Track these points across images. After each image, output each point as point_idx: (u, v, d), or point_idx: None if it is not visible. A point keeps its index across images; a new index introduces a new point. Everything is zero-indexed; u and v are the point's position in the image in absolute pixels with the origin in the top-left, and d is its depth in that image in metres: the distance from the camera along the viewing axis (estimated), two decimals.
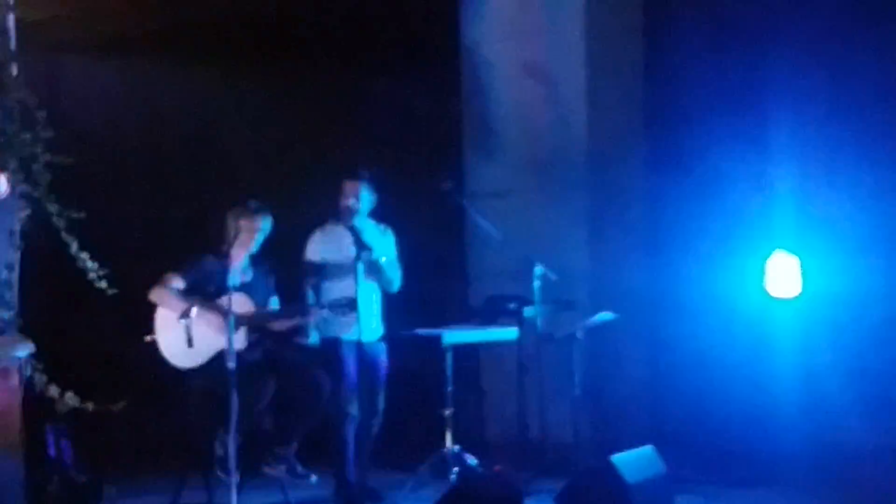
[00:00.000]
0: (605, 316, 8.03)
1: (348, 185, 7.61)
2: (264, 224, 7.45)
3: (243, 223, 7.39)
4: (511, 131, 9.31)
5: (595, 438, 8.16)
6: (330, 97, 9.37)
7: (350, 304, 7.17)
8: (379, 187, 7.69)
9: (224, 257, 7.14)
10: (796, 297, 8.38)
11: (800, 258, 8.38)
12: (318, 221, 7.73)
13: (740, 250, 8.54)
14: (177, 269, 7.37)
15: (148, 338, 7.33)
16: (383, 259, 7.46)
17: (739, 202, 8.63)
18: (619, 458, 7.09)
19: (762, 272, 8.45)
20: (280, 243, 7.64)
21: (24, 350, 5.40)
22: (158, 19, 8.34)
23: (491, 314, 8.21)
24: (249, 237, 7.42)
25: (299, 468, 7.36)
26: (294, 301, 7.57)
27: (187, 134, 8.88)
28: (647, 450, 7.37)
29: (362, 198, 7.59)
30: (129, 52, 8.47)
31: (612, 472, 7.03)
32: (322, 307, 7.36)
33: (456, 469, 7.69)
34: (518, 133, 9.28)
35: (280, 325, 7.56)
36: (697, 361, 8.55)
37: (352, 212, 7.53)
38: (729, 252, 8.56)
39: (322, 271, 7.56)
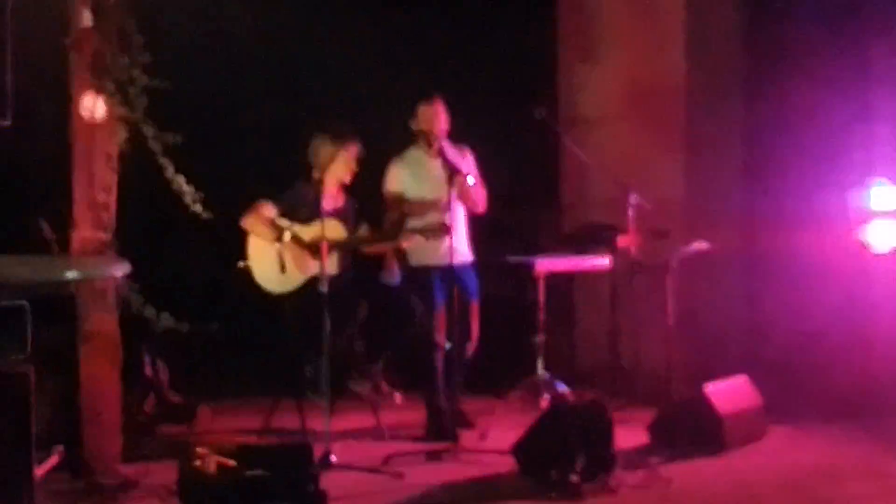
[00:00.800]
0: (699, 245, 7.95)
1: (428, 108, 7.55)
2: (355, 150, 7.46)
3: (335, 149, 7.41)
4: (607, 58, 9.21)
5: (688, 368, 8.10)
6: (422, 22, 9.29)
7: (443, 228, 7.16)
8: (474, 112, 7.63)
9: (316, 183, 7.16)
10: None
11: None
12: (396, 149, 7.69)
13: (839, 181, 8.38)
14: (269, 195, 7.42)
15: (241, 264, 7.41)
16: (471, 180, 7.39)
17: (839, 132, 8.46)
18: (712, 388, 7.07)
19: (860, 201, 8.29)
20: (366, 170, 7.64)
21: (121, 270, 5.47)
22: None
23: (584, 242, 8.17)
24: (343, 163, 7.44)
25: (384, 386, 7.40)
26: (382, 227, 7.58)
27: (280, 59, 8.88)
28: (740, 380, 7.33)
29: (433, 117, 7.53)
30: None
31: (704, 401, 7.02)
32: (413, 231, 7.35)
33: (547, 395, 7.69)
34: (614, 60, 9.18)
35: (372, 250, 7.58)
36: (793, 292, 8.43)
37: (436, 135, 7.47)
38: (828, 183, 8.41)
39: (406, 201, 7.51)
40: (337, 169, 7.43)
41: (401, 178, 7.61)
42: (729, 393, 7.19)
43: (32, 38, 6.58)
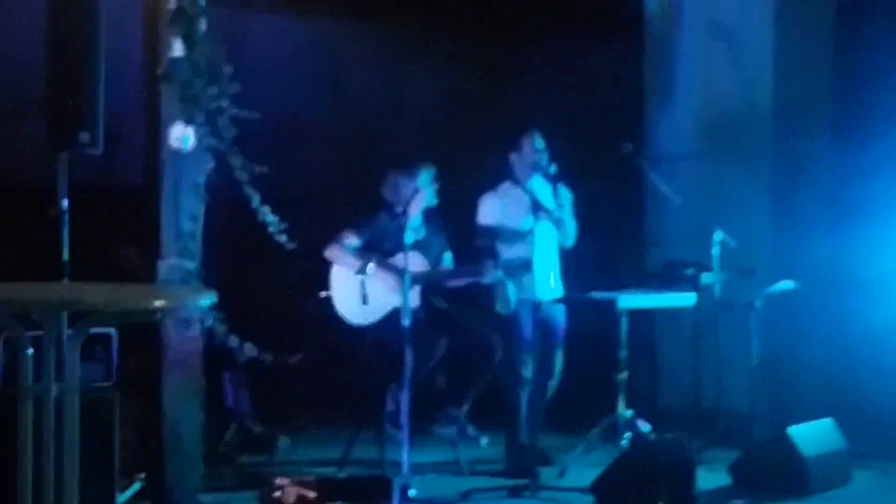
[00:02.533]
0: (785, 285, 7.86)
1: (528, 140, 7.55)
2: (432, 176, 7.47)
3: (414, 180, 7.43)
4: (694, 93, 9.17)
5: (771, 409, 8.01)
6: (511, 58, 9.32)
7: (525, 265, 7.14)
8: (559, 147, 7.62)
9: (399, 215, 7.17)
10: None
11: None
12: (490, 182, 7.69)
13: None
14: (353, 226, 7.45)
15: (323, 294, 7.43)
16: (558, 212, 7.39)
17: None
18: (796, 430, 6.98)
19: None
20: (452, 203, 7.65)
21: (207, 300, 5.50)
22: None
23: (668, 279, 8.09)
24: (422, 193, 7.45)
25: (470, 429, 7.40)
26: (467, 261, 7.57)
27: (366, 92, 8.94)
28: (826, 422, 7.22)
29: (541, 151, 7.52)
30: (314, 8, 8.55)
31: (788, 443, 6.92)
32: (496, 268, 7.33)
33: (628, 434, 7.62)
34: (701, 95, 9.14)
35: (454, 284, 7.58)
36: (880, 335, 8.29)
37: (536, 166, 7.47)
38: None
39: (498, 235, 7.50)
40: (416, 199, 7.43)
41: (492, 212, 7.59)
42: (813, 435, 7.09)
43: (123, 68, 6.68)
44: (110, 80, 6.26)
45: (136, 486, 6.23)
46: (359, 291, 7.36)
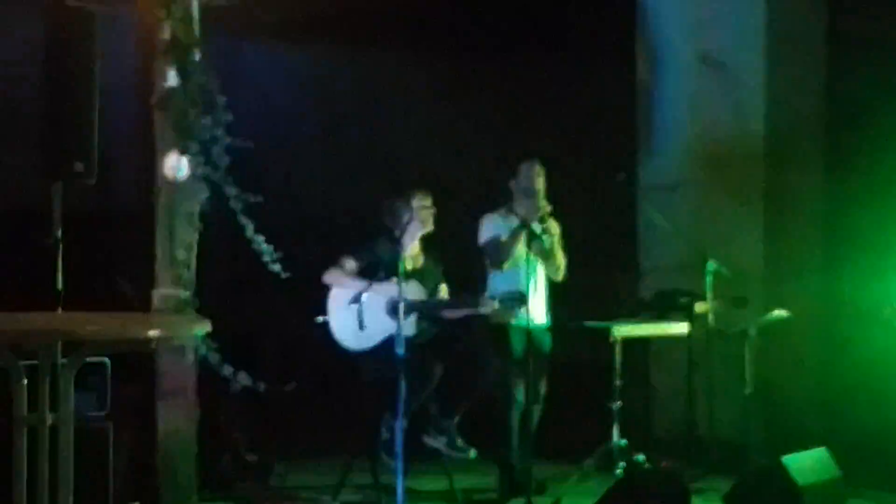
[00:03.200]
0: (778, 314, 7.87)
1: (530, 167, 7.57)
2: (428, 204, 7.49)
3: (411, 207, 7.44)
4: (686, 123, 9.20)
5: (765, 438, 8.01)
6: (502, 87, 9.36)
7: (521, 299, 7.16)
8: (552, 176, 7.64)
9: (396, 242, 7.18)
10: None
11: None
12: (485, 209, 7.70)
13: None
14: (351, 252, 7.46)
15: (320, 319, 7.43)
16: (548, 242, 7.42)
17: None
18: (791, 459, 6.95)
19: None
20: (449, 230, 7.66)
21: (201, 329, 5.50)
22: (337, 4, 8.44)
23: (661, 308, 8.11)
24: (419, 220, 7.46)
25: (459, 441, 7.37)
26: (463, 290, 7.58)
27: (363, 119, 8.97)
28: (820, 451, 7.20)
29: (540, 178, 7.55)
30: (307, 37, 8.58)
31: (783, 473, 6.89)
32: (492, 298, 7.35)
33: (622, 463, 7.62)
34: (693, 125, 9.17)
35: (450, 314, 7.59)
36: (873, 364, 8.29)
37: (532, 192, 7.49)
38: None
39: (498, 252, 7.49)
40: (413, 226, 7.44)
41: (496, 226, 7.59)
42: (808, 464, 7.06)
43: (117, 98, 6.70)
44: (105, 109, 6.29)
45: None
46: (355, 317, 7.36)
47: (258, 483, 7.67)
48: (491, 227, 7.60)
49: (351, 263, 7.43)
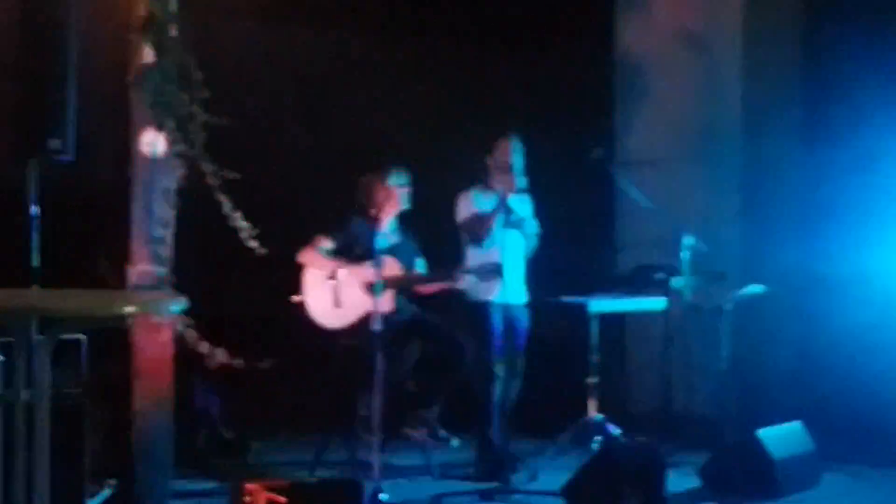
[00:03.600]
0: (754, 289, 7.92)
1: (507, 143, 7.57)
2: (404, 181, 7.49)
3: (387, 185, 7.46)
4: (663, 99, 9.21)
5: (741, 413, 8.05)
6: (478, 64, 9.34)
7: (496, 270, 7.17)
8: (529, 152, 7.65)
9: (372, 220, 7.19)
10: None
11: None
12: (461, 186, 7.70)
13: None
14: (326, 230, 7.47)
15: (296, 298, 7.45)
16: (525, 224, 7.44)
17: None
18: (766, 433, 7.01)
19: None
20: (425, 207, 7.67)
21: (178, 306, 5.50)
22: None
23: (638, 283, 8.15)
24: (395, 198, 7.47)
25: (441, 431, 7.42)
26: (440, 264, 7.59)
27: (340, 96, 8.95)
28: (794, 425, 7.27)
29: (515, 153, 7.55)
30: (285, 14, 8.56)
31: (757, 446, 6.96)
32: (467, 272, 7.37)
33: (598, 438, 7.66)
34: (671, 101, 9.18)
35: (426, 289, 7.61)
36: (849, 338, 8.34)
37: (509, 168, 7.49)
38: (885, 228, 8.34)
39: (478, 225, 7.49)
40: (390, 202, 7.45)
41: (474, 202, 7.58)
42: (783, 438, 7.13)
43: (93, 74, 6.67)
44: (81, 86, 6.26)
45: (107, 492, 6.21)
46: (331, 295, 7.39)
47: (235, 460, 7.69)
48: (469, 204, 7.60)
49: (326, 243, 7.44)
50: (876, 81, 8.43)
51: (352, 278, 7.36)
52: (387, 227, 7.49)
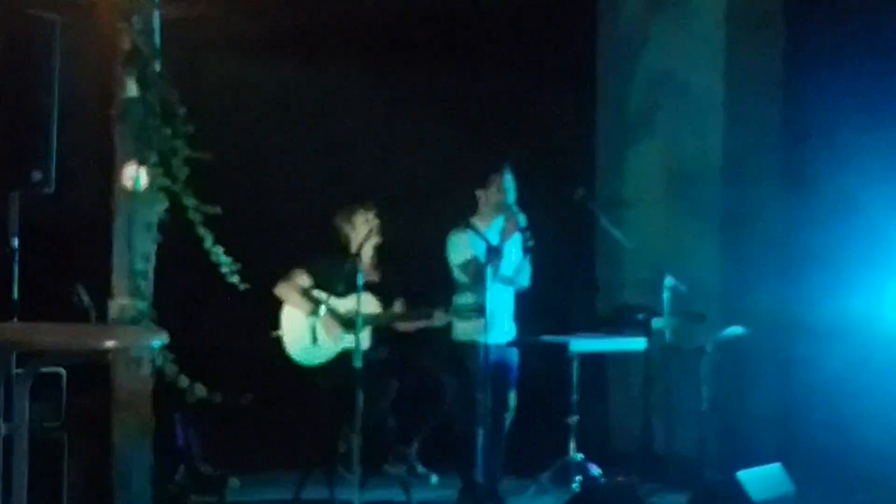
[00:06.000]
0: (735, 330, 7.92)
1: (500, 178, 7.55)
2: (370, 216, 7.48)
3: (360, 220, 7.45)
4: (646, 140, 9.24)
5: (721, 454, 8.05)
6: (461, 102, 9.37)
7: (478, 310, 7.16)
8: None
9: (352, 256, 7.18)
10: None
11: None
12: (447, 224, 7.70)
13: (877, 271, 8.33)
14: (304, 266, 7.45)
15: (273, 333, 7.42)
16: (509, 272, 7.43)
17: (878, 221, 8.42)
18: (746, 475, 6.98)
19: None
20: (410, 245, 7.67)
21: (158, 340, 5.48)
22: (298, 19, 8.44)
23: (619, 324, 8.14)
24: (370, 234, 7.43)
25: (420, 468, 7.39)
26: (420, 303, 7.57)
27: (323, 131, 8.97)
28: (774, 467, 7.25)
29: (510, 189, 7.55)
30: (268, 50, 8.59)
31: (737, 488, 6.92)
32: (446, 311, 7.34)
33: (579, 477, 7.63)
34: (652, 142, 9.22)
35: (405, 327, 7.59)
36: (829, 381, 8.36)
37: (500, 205, 7.49)
38: (865, 272, 8.36)
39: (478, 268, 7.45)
40: (368, 238, 7.41)
41: (472, 244, 7.48)
42: (762, 479, 7.10)
43: (76, 107, 6.67)
44: (63, 119, 6.25)
45: None
46: (308, 332, 7.37)
47: (213, 496, 7.64)
48: (466, 246, 7.53)
49: (304, 278, 7.42)
50: (857, 128, 8.48)
51: (332, 315, 7.34)
52: (367, 264, 7.45)
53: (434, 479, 7.49)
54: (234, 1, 7.59)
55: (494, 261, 7.19)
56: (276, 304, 7.45)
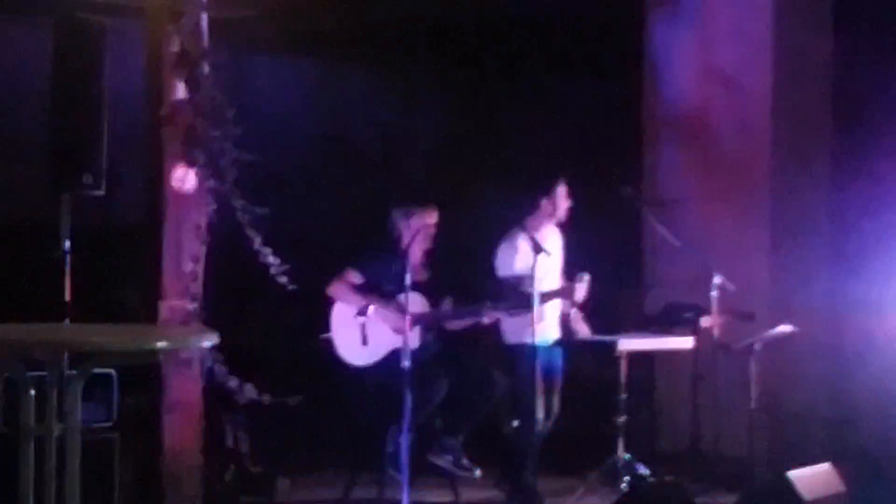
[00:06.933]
0: (784, 329, 7.87)
1: (562, 188, 7.62)
2: (433, 219, 7.48)
3: (416, 220, 7.45)
4: (693, 138, 9.20)
5: (770, 453, 8.00)
6: (510, 101, 9.37)
7: (525, 304, 7.15)
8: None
9: (402, 256, 7.19)
10: None
11: None
12: (494, 226, 7.71)
13: None
14: (356, 265, 7.46)
15: (324, 336, 7.43)
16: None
17: None
18: (796, 474, 6.94)
19: None
20: (458, 245, 7.67)
21: (208, 341, 5.51)
22: (347, 19, 8.47)
23: (667, 322, 8.10)
24: (423, 234, 7.44)
25: (465, 461, 7.36)
26: (470, 301, 7.56)
27: (371, 134, 9.00)
28: (825, 467, 7.20)
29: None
30: (316, 51, 8.62)
31: (787, 487, 6.88)
32: (496, 308, 7.34)
33: (627, 478, 7.61)
34: (700, 139, 9.18)
35: (454, 326, 7.59)
36: (879, 377, 8.30)
37: (562, 215, 7.52)
38: None
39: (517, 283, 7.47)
40: (419, 238, 7.43)
41: (514, 261, 7.52)
42: (813, 479, 7.05)
43: (126, 109, 6.73)
44: (113, 121, 6.31)
45: None
46: (359, 332, 7.37)
47: (262, 496, 7.68)
48: (509, 263, 7.53)
49: (356, 277, 7.44)
50: None
51: (380, 315, 7.35)
52: (416, 263, 7.45)
53: (478, 472, 7.49)
54: (282, 1, 7.61)
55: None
56: (326, 304, 7.46)
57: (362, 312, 7.26)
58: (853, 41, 8.85)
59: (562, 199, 7.63)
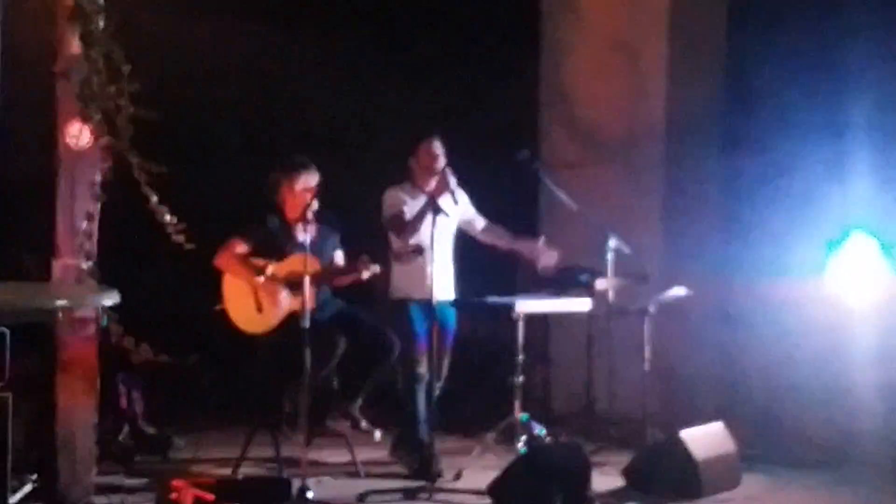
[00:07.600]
0: (677, 291, 7.98)
1: (429, 145, 7.58)
2: (311, 179, 7.41)
3: (293, 181, 7.38)
4: (590, 103, 9.27)
5: (663, 413, 8.12)
6: (407, 64, 9.35)
7: (417, 250, 7.17)
8: (455, 152, 7.66)
9: (285, 220, 7.14)
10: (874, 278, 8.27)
11: (877, 240, 8.26)
12: (387, 181, 7.69)
13: (815, 230, 8.43)
14: (240, 232, 7.37)
15: (217, 307, 7.34)
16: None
17: (815, 182, 8.51)
18: (688, 434, 7.07)
19: (838, 253, 8.33)
20: (350, 202, 7.64)
21: (105, 300, 5.44)
22: None
23: (563, 285, 8.17)
24: (302, 194, 7.36)
25: (363, 423, 7.35)
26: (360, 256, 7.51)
27: (268, 94, 8.92)
28: (716, 426, 7.33)
29: (439, 154, 7.57)
30: (214, 7, 8.51)
31: (680, 446, 7.01)
32: (373, 262, 7.31)
33: (524, 438, 7.67)
34: (595, 104, 9.25)
35: (340, 281, 7.53)
36: (769, 340, 8.47)
37: (432, 170, 7.50)
38: (803, 232, 8.45)
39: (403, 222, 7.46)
40: (299, 198, 7.36)
41: (400, 199, 7.56)
42: (705, 438, 7.19)
43: (18, 65, 6.58)
44: (5, 75, 6.17)
45: (28, 488, 6.12)
46: (252, 300, 7.30)
47: (158, 456, 7.62)
48: (395, 202, 7.57)
49: (241, 246, 7.34)
50: (796, 89, 8.56)
51: (275, 279, 7.27)
52: (300, 224, 7.31)
53: (378, 434, 7.50)
54: None
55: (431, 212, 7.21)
56: (220, 274, 7.37)
57: (262, 272, 7.20)
58: (747, 7, 8.97)
59: (431, 157, 7.55)
